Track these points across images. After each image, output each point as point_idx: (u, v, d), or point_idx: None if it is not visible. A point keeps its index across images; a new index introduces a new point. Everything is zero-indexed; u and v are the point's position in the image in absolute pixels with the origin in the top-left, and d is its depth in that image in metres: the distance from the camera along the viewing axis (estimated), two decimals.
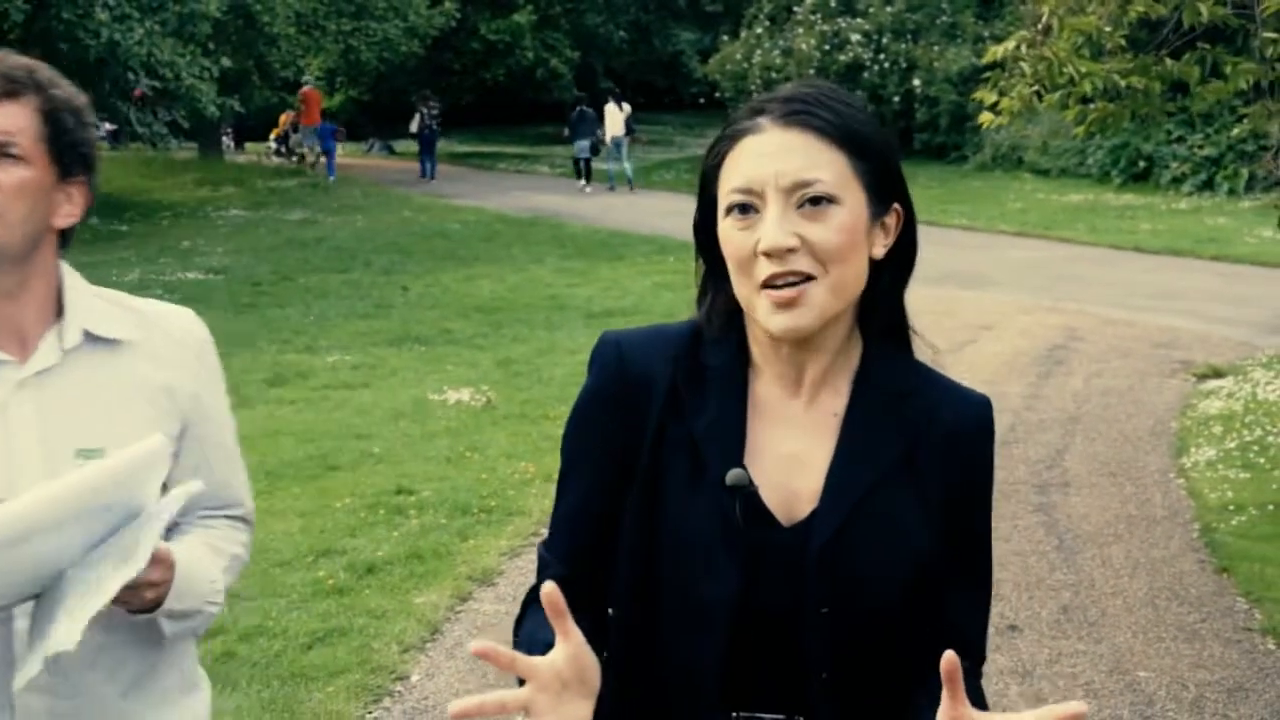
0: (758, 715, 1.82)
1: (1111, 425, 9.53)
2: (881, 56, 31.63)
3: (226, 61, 26.09)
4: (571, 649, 1.62)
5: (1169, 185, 24.75)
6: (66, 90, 2.17)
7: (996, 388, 10.60)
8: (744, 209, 1.74)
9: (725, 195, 1.76)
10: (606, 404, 1.89)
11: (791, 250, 1.71)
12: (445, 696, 5.34)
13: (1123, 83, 6.62)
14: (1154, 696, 5.35)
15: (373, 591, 6.41)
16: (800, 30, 32.63)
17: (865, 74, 31.52)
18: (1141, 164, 25.69)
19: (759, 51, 33.27)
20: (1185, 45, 6.91)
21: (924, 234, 1.94)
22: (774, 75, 32.39)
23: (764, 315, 1.75)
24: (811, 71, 31.63)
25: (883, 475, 1.82)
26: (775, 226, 1.71)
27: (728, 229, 1.76)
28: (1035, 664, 5.63)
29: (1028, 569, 6.74)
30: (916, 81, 31.26)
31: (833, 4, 32.51)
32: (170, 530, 2.20)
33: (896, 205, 1.83)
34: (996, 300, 14.88)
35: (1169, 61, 6.92)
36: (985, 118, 7.26)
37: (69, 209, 2.21)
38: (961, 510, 1.87)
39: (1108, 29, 6.60)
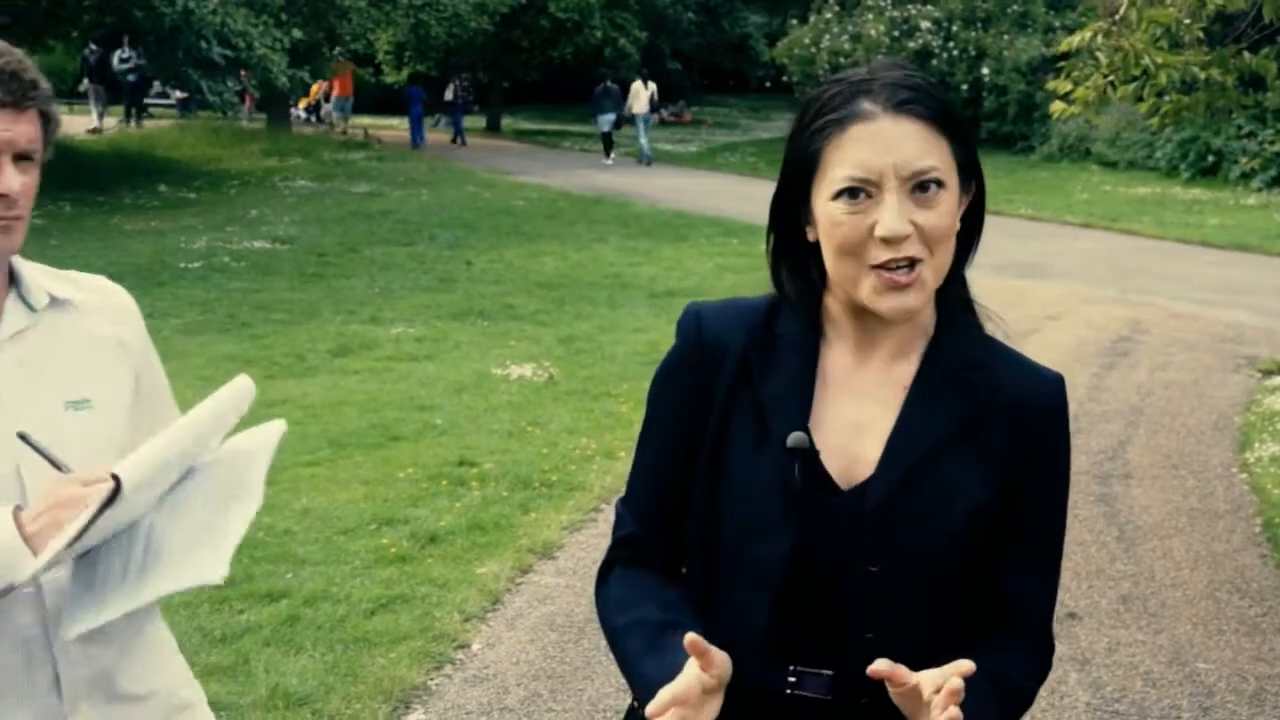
0: (813, 670, 1.89)
1: (1175, 418, 9.48)
2: (951, 44, 31.45)
3: (298, 33, 26.27)
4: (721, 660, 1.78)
5: (1238, 180, 24.51)
6: (46, 82, 2.20)
7: None
8: (854, 193, 1.79)
9: (834, 179, 1.80)
10: (684, 370, 1.97)
11: (907, 238, 1.78)
12: (505, 666, 5.41)
13: (1201, 75, 6.58)
14: (1214, 688, 5.34)
15: (435, 561, 6.48)
16: (870, 16, 32.49)
17: (934, 61, 31.34)
18: (1210, 158, 25.44)
19: (827, 36, 33.15)
20: (1263, 39, 6.87)
21: (990, 224, 1.99)
22: (842, 60, 32.26)
23: (870, 295, 1.81)
24: (881, 58, 31.49)
25: (941, 441, 1.86)
26: (895, 214, 1.76)
27: (835, 211, 1.80)
28: (1094, 652, 5.64)
29: (1088, 558, 6.73)
30: (985, 70, 31.07)
31: None
32: None
33: (973, 182, 1.90)
34: (1062, 291, 14.80)
35: (1247, 55, 6.88)
36: (1057, 107, 7.23)
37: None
38: (1025, 480, 1.90)
39: (1186, 21, 6.56)
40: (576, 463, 8.10)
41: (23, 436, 2.05)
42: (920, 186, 1.78)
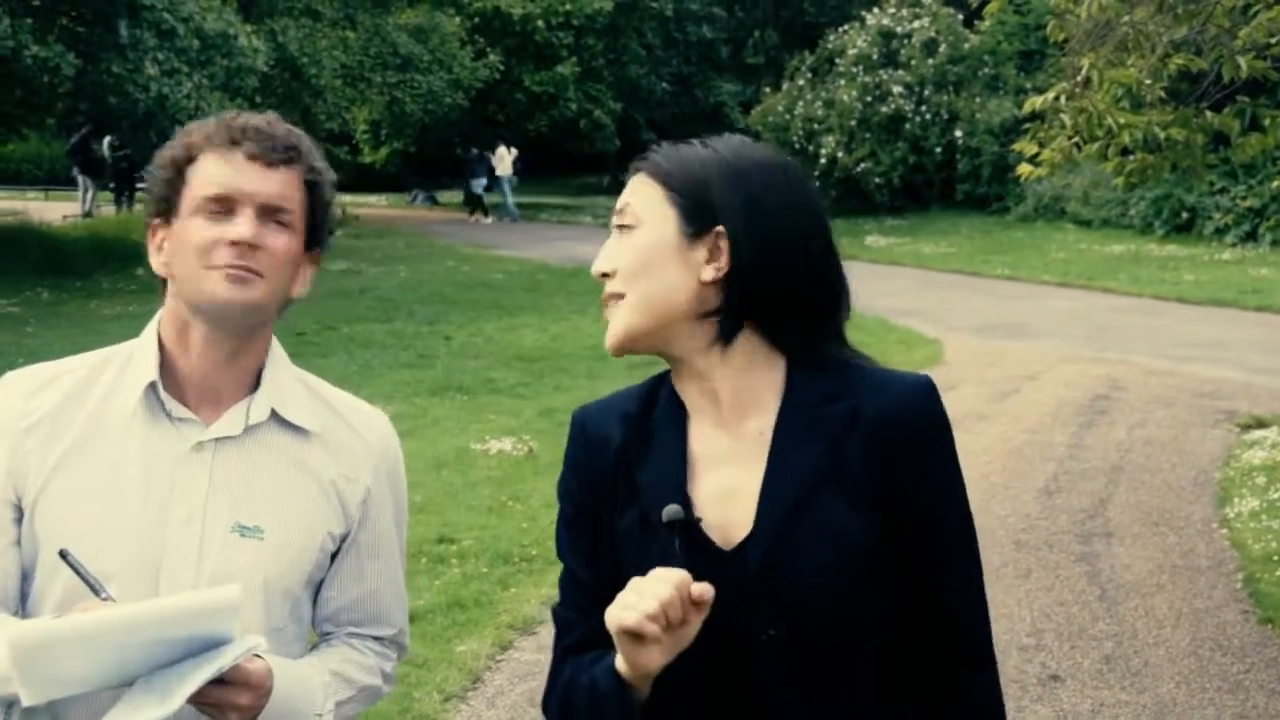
0: None
1: (1155, 475, 9.49)
2: (923, 108, 31.68)
3: (273, 114, 26.36)
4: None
5: (1212, 236, 24.65)
6: (322, 162, 2.20)
7: (1040, 437, 10.58)
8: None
9: None
10: (574, 474, 2.02)
11: (606, 275, 1.94)
12: None
13: (1163, 135, 6.63)
14: None
15: (414, 640, 6.42)
16: (842, 82, 32.72)
17: (907, 125, 31.57)
18: (1184, 215, 25.60)
19: (801, 103, 33.37)
20: (1226, 98, 6.92)
21: (967, 284, 2.01)
22: (816, 127, 32.50)
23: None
24: (854, 123, 31.73)
25: (809, 485, 1.85)
26: (605, 252, 1.95)
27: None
28: (1078, 714, 5.61)
29: (1070, 619, 6.71)
30: (959, 133, 31.29)
31: (875, 56, 32.60)
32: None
33: (719, 227, 1.88)
34: (1040, 350, 14.84)
35: (1209, 114, 6.94)
36: (1024, 169, 7.28)
37: (302, 280, 2.21)
38: (913, 498, 1.88)
39: (1147, 81, 6.62)
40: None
41: (63, 555, 2.00)
42: (620, 227, 1.94)
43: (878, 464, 1.86)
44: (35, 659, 1.84)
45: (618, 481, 1.95)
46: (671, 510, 1.84)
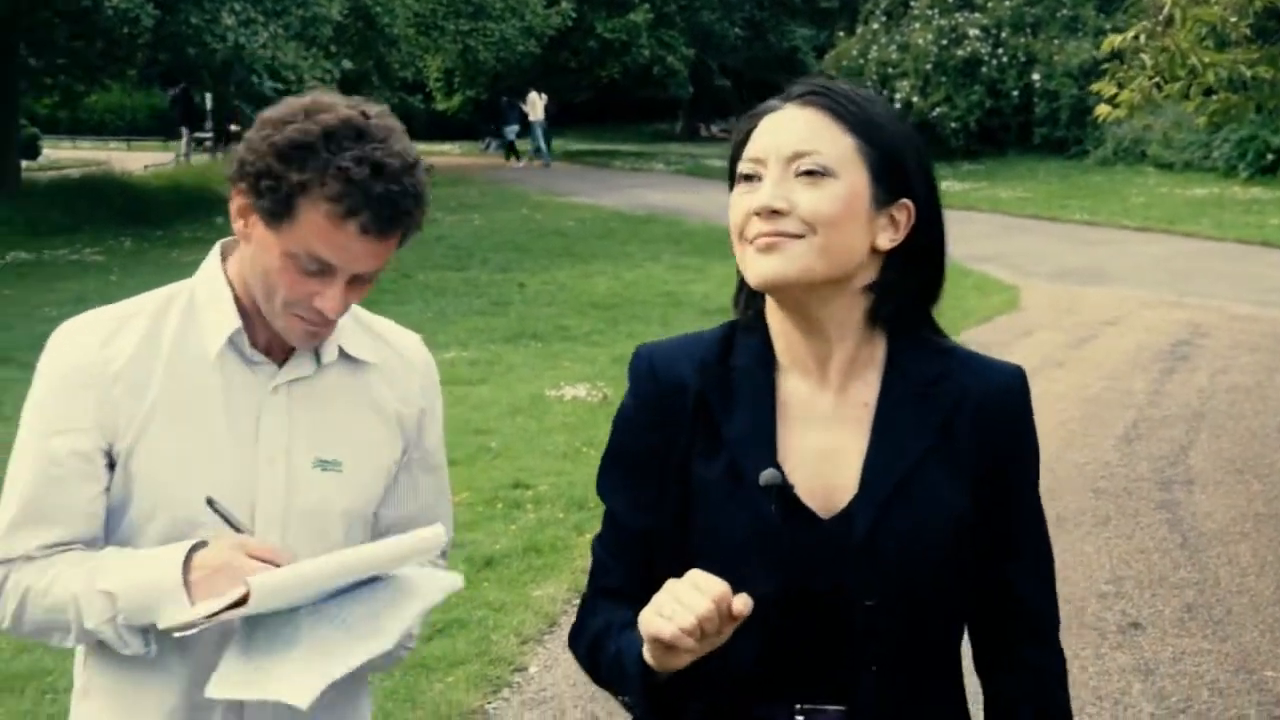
0: (820, 707, 1.84)
1: (1238, 422, 9.35)
2: (1000, 51, 31.28)
3: (348, 63, 26.48)
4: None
5: None
6: (421, 188, 2.09)
7: (1119, 383, 10.46)
8: (749, 178, 1.82)
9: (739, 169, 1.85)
10: (644, 415, 1.92)
11: (779, 212, 1.77)
12: (563, 688, 5.39)
13: (1248, 73, 6.50)
14: None
15: (491, 584, 6.48)
16: (917, 25, 32.36)
17: (983, 68, 31.20)
18: (1270, 156, 25.12)
19: (875, 47, 33.05)
20: None
21: (1045, 229, 1.98)
22: (890, 71, 32.17)
23: (746, 267, 1.82)
24: (929, 67, 31.38)
25: (916, 461, 1.83)
26: (770, 188, 1.78)
27: (734, 198, 1.84)
28: (1158, 662, 5.56)
29: (1150, 566, 6.64)
30: (1036, 76, 30.88)
31: None
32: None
33: (907, 201, 1.84)
34: (1119, 295, 14.65)
35: None
36: (1103, 110, 7.17)
37: None
38: (1003, 480, 1.89)
39: (1232, 19, 6.48)
40: None
41: (210, 503, 2.05)
42: (808, 171, 1.78)
43: (982, 445, 1.86)
44: (266, 602, 1.90)
45: (697, 427, 1.87)
46: (770, 475, 1.78)
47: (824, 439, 1.85)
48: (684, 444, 1.88)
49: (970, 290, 14.82)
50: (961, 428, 1.86)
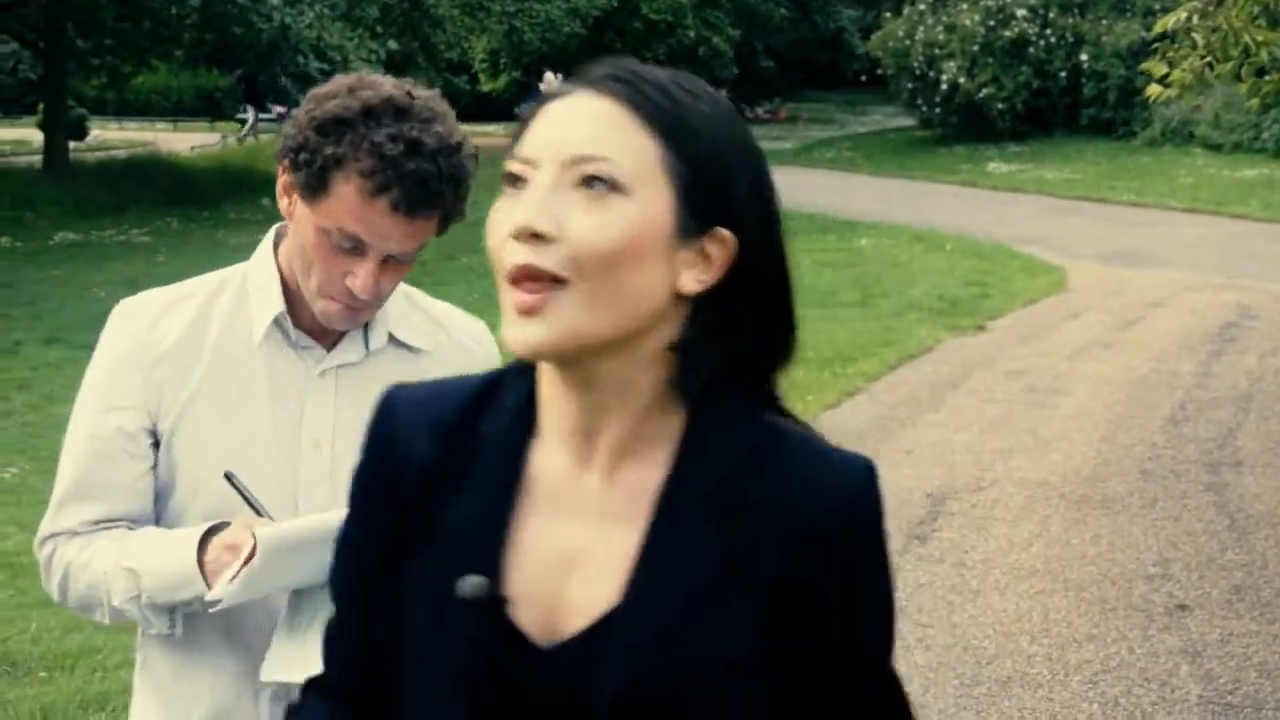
0: None
1: None
2: (1048, 31, 31.04)
3: (393, 44, 26.57)
4: None
5: None
6: (463, 170, 2.06)
7: (1166, 365, 10.40)
8: (514, 180, 1.33)
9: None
10: (370, 479, 1.47)
11: (540, 237, 1.28)
12: None
13: None
14: None
15: None
16: (964, 6, 32.15)
17: (1031, 49, 30.97)
18: None
19: (922, 28, 32.85)
20: None
21: (1091, 211, 1.83)
22: (937, 52, 31.98)
23: (503, 322, 1.33)
24: (976, 48, 31.19)
25: (701, 582, 1.32)
26: (534, 202, 1.29)
27: (493, 209, 1.35)
28: (1206, 645, 5.53)
29: (1198, 548, 6.61)
30: (1084, 56, 30.62)
31: None
32: None
33: (725, 231, 1.33)
34: (1167, 277, 14.55)
35: None
36: (1153, 90, 7.10)
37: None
38: (824, 625, 1.36)
39: None
40: None
41: (228, 476, 2.05)
42: (588, 180, 1.29)
43: (797, 571, 1.34)
44: (273, 557, 1.90)
45: (419, 510, 1.40)
46: (474, 584, 1.32)
47: (574, 537, 1.36)
48: (402, 531, 1.41)
49: (1017, 272, 14.76)
50: (769, 543, 1.33)
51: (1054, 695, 5.11)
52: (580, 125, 1.31)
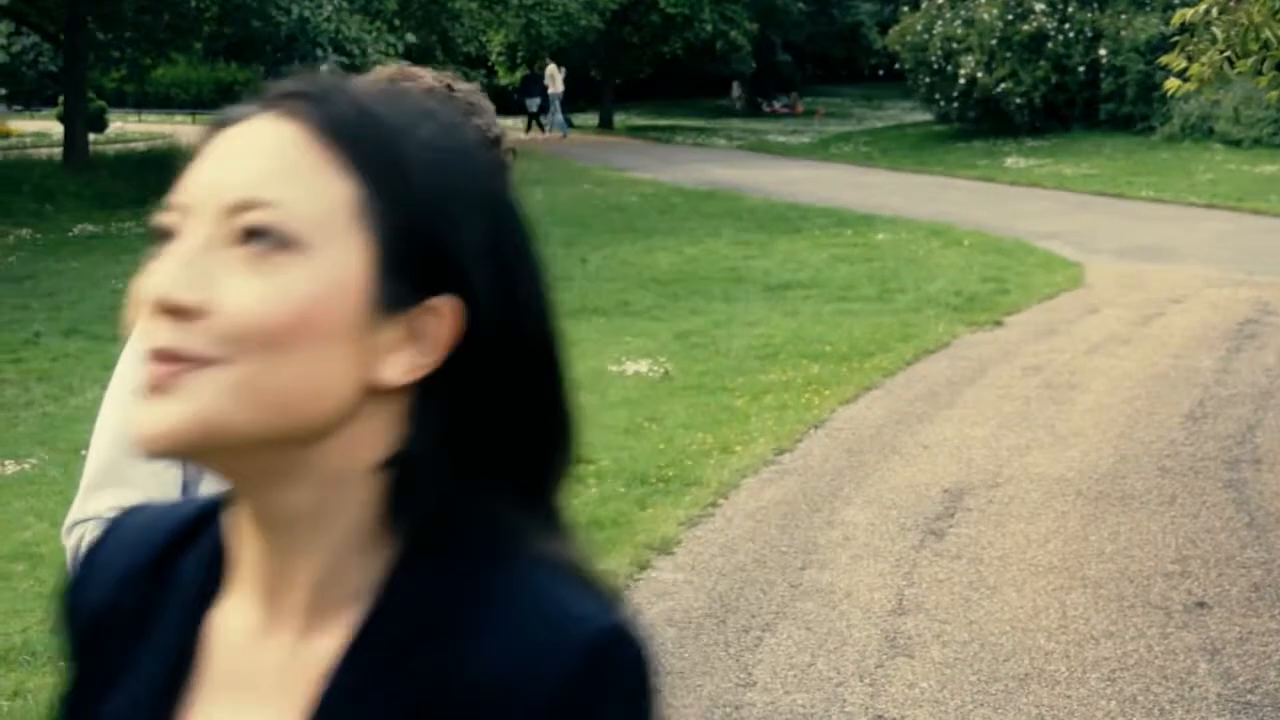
0: None
1: None
2: (1066, 26, 30.93)
3: (411, 37, 26.57)
4: None
5: None
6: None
7: (1186, 361, 10.37)
8: (164, 234, 1.01)
9: None
10: (60, 627, 1.17)
11: (185, 312, 0.95)
12: None
13: None
14: None
15: None
16: (982, 0, 32.07)
17: (1049, 44, 30.87)
18: None
19: (940, 22, 32.76)
20: None
21: (1110, 206, 1.80)
22: (955, 46, 31.89)
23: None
24: (994, 42, 31.12)
25: None
26: (177, 265, 0.97)
27: (141, 276, 0.99)
28: (1225, 643, 5.52)
29: (1217, 545, 6.59)
30: (1103, 51, 30.52)
31: None
32: None
33: (449, 298, 1.00)
34: (1186, 273, 14.50)
35: None
36: (1172, 84, 7.09)
37: None
38: None
39: None
40: (693, 458, 8.10)
41: None
42: (250, 234, 0.96)
43: None
44: None
45: (89, 679, 1.13)
46: None
47: (244, 713, 1.04)
48: (74, 696, 1.14)
49: (1035, 268, 14.72)
50: None
51: (1071, 692, 5.10)
52: (245, 161, 0.98)
